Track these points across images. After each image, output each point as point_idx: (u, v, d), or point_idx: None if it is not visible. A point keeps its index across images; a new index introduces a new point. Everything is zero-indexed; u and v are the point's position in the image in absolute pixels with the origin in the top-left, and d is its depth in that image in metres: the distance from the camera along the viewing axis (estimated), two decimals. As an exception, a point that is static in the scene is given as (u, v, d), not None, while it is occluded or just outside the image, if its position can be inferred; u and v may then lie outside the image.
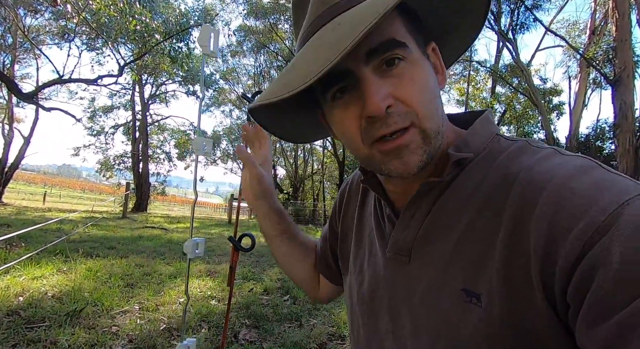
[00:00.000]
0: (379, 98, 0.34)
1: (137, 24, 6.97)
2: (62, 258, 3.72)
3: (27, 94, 7.65)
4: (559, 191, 0.30)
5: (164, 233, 7.05)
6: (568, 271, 0.28)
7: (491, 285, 0.33)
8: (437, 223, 0.39)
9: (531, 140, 0.39)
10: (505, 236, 0.33)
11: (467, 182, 0.38)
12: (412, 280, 0.41)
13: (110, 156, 17.07)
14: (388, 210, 0.45)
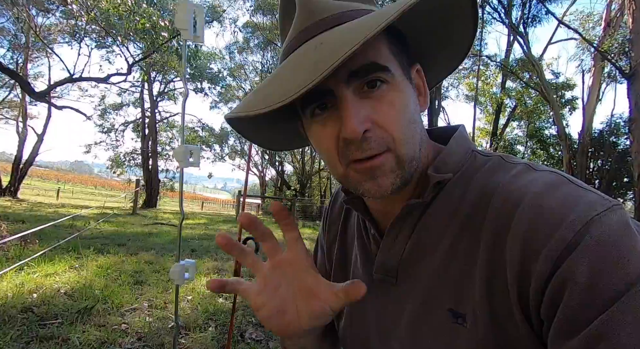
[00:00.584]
0: (356, 121, 0.34)
1: (145, 22, 7.02)
2: (74, 255, 3.81)
3: (40, 93, 7.80)
4: (530, 210, 0.31)
5: (173, 229, 7.15)
6: (540, 289, 0.29)
7: (474, 305, 0.34)
8: (421, 244, 0.39)
9: (505, 155, 0.40)
10: (484, 254, 0.33)
11: (447, 202, 0.39)
12: (399, 300, 0.41)
13: (120, 153, 17.34)
14: (373, 230, 0.45)
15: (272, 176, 22.79)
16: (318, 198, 20.17)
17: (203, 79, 16.47)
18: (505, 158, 0.39)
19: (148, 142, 15.34)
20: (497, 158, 0.39)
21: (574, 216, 0.29)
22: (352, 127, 0.34)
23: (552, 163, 13.19)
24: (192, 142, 18.59)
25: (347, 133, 0.34)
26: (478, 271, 0.34)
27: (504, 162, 0.38)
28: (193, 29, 0.56)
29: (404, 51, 0.39)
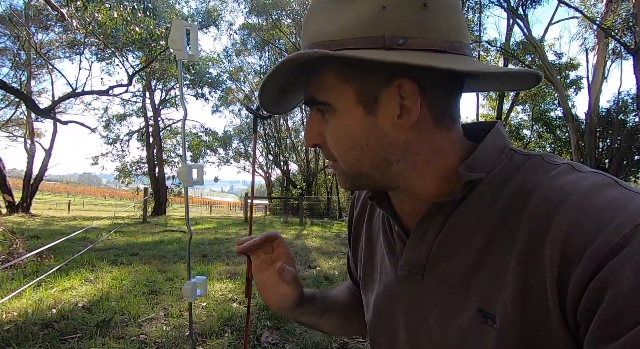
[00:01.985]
0: (307, 137, 0.43)
1: (141, 32, 7.06)
2: (89, 268, 3.88)
3: (44, 110, 7.92)
4: (574, 211, 0.30)
5: (184, 235, 7.23)
6: (580, 291, 0.28)
7: (506, 306, 0.33)
8: (450, 242, 0.39)
9: (546, 154, 0.38)
10: (520, 255, 0.33)
11: (480, 201, 0.38)
12: (426, 298, 0.41)
13: (127, 162, 17.55)
14: (397, 227, 0.45)
15: (278, 176, 22.87)
16: (325, 195, 20.19)
17: (203, 84, 16.53)
18: (546, 157, 0.37)
19: (153, 150, 15.49)
20: (537, 157, 0.38)
21: (621, 219, 0.28)
22: (305, 139, 0.44)
23: (559, 145, 12.99)
24: (196, 148, 18.74)
25: (305, 142, 0.44)
26: (512, 272, 0.33)
27: (544, 161, 0.37)
28: (187, 48, 0.55)
29: (370, 71, 0.37)
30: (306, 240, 7.21)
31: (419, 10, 0.35)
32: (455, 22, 0.37)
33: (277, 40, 15.63)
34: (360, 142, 0.39)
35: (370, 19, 0.35)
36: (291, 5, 13.32)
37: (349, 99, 0.38)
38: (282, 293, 0.51)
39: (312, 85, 0.40)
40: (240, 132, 21.10)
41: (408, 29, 0.35)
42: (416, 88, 0.37)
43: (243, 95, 20.16)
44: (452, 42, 0.37)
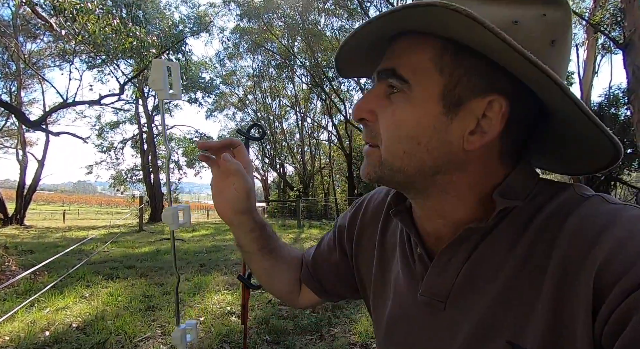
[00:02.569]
0: (358, 106, 0.39)
1: (132, 41, 6.99)
2: (84, 284, 3.81)
3: (35, 122, 7.82)
4: (610, 244, 0.30)
5: (181, 244, 7.16)
6: (607, 318, 0.28)
7: (537, 339, 0.32)
8: (478, 271, 0.38)
9: (576, 185, 0.37)
10: (553, 287, 0.32)
11: (510, 229, 0.36)
12: (449, 328, 0.39)
13: (121, 170, 17.43)
14: (420, 249, 0.43)
15: (275, 178, 22.82)
16: (322, 196, 20.16)
17: (196, 89, 16.45)
18: (577, 189, 0.37)
19: (148, 156, 15.38)
20: (569, 188, 0.37)
21: None
22: (355, 108, 0.39)
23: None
24: (190, 153, 18.63)
25: (352, 111, 0.40)
26: (543, 304, 0.32)
27: (575, 193, 0.36)
28: (169, 88, 0.52)
29: (471, 72, 0.34)
30: (305, 243, 7.18)
31: (546, 43, 0.34)
32: (565, 70, 0.36)
33: (269, 43, 15.59)
34: (422, 137, 0.36)
35: (500, 27, 0.30)
36: (282, 8, 13.29)
37: (433, 90, 0.35)
38: (231, 193, 0.52)
39: (397, 56, 0.36)
40: (235, 136, 20.99)
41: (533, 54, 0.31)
42: (507, 111, 0.35)
43: (237, 98, 20.10)
44: None
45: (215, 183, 0.54)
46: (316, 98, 18.27)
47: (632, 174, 11.23)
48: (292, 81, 18.03)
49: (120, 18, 6.71)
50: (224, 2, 13.93)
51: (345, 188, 18.67)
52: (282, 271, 0.61)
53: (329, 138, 20.84)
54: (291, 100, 19.47)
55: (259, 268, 0.60)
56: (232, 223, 0.55)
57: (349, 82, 15.65)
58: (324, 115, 19.05)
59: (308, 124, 20.63)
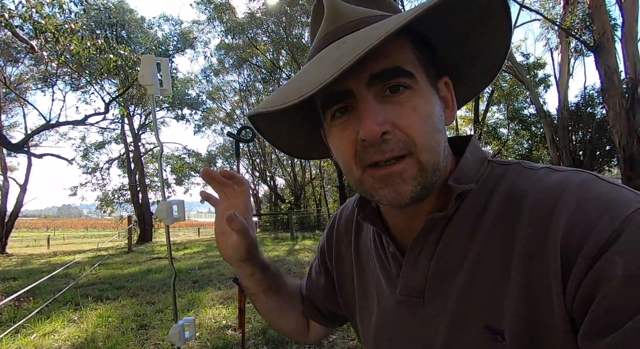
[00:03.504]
0: (374, 122, 0.33)
1: (116, 60, 6.98)
2: (72, 307, 3.67)
3: (16, 144, 7.64)
4: (567, 211, 0.30)
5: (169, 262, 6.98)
6: (575, 289, 0.28)
7: (512, 318, 0.32)
8: (446, 260, 0.38)
9: (522, 161, 0.38)
10: (520, 263, 0.32)
11: (470, 213, 0.37)
12: (430, 322, 0.39)
13: (108, 191, 17.03)
14: (392, 248, 0.43)
15: (265, 192, 22.66)
16: (314, 207, 20.08)
17: (183, 106, 16.39)
18: (524, 164, 0.38)
19: (135, 176, 15.12)
20: (516, 164, 0.38)
21: (610, 213, 0.28)
22: (370, 126, 0.33)
23: (535, 141, 13.44)
24: (179, 170, 18.41)
25: (365, 133, 0.33)
26: (513, 282, 0.32)
27: (523, 167, 0.37)
28: (159, 83, 0.52)
29: (431, 61, 0.38)
30: (299, 255, 7.10)
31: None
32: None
33: (255, 58, 15.76)
34: (440, 126, 0.37)
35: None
36: (266, 23, 13.53)
37: (425, 78, 0.37)
38: (232, 240, 0.50)
39: (388, 55, 0.34)
40: (224, 150, 20.91)
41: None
42: (451, 87, 0.40)
43: (224, 113, 20.10)
44: None
45: (219, 222, 0.53)
46: (303, 110, 18.41)
47: (613, 171, 11.57)
48: (278, 94, 18.20)
49: (105, 38, 6.71)
50: (208, 19, 14.10)
51: (337, 198, 18.67)
52: (287, 309, 0.60)
53: (318, 149, 20.91)
54: (279, 113, 19.57)
55: (265, 309, 0.59)
56: (233, 265, 0.54)
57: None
58: (312, 126, 19.17)
59: (297, 136, 20.69)
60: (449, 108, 0.40)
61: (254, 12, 13.24)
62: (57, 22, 6.02)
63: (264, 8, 13.17)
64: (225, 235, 0.52)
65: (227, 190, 0.53)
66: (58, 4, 6.41)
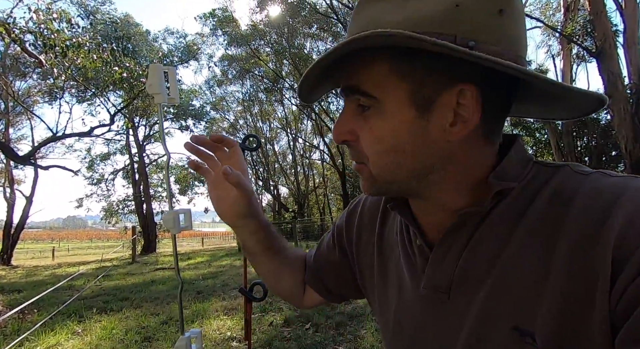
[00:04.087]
0: (337, 130, 0.39)
1: (122, 72, 7.11)
2: (76, 319, 3.64)
3: (23, 157, 7.74)
4: (622, 216, 0.29)
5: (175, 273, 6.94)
6: (622, 291, 0.27)
7: (546, 320, 0.31)
8: (478, 257, 0.37)
9: (573, 164, 0.37)
10: (563, 266, 0.31)
11: (510, 211, 0.36)
12: (454, 319, 0.38)
13: (113, 202, 17.13)
14: (419, 241, 0.42)
15: (269, 201, 22.64)
16: (318, 216, 20.01)
17: (187, 117, 16.58)
18: (574, 167, 0.36)
19: (140, 186, 15.20)
20: (565, 167, 0.37)
21: None
22: (334, 133, 0.39)
23: (540, 147, 13.38)
24: (183, 180, 18.49)
25: (333, 136, 0.40)
26: (551, 283, 0.31)
27: (573, 171, 0.36)
28: (166, 92, 0.52)
29: (431, 70, 0.34)
30: (303, 265, 7.02)
31: (494, 14, 0.33)
32: (524, 36, 0.36)
33: (257, 68, 15.98)
34: (404, 146, 0.36)
35: (442, 15, 0.32)
36: (269, 34, 13.76)
37: (401, 97, 0.35)
38: (232, 198, 0.51)
39: (358, 74, 0.36)
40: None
41: (480, 33, 0.33)
42: (479, 97, 0.34)
43: (228, 123, 20.29)
44: (519, 57, 0.35)
45: (212, 189, 0.53)
46: (306, 119, 18.56)
47: (620, 175, 11.45)
48: (281, 103, 18.36)
49: (111, 50, 6.84)
50: (211, 31, 14.39)
51: (340, 206, 18.60)
52: (287, 272, 0.61)
53: (322, 157, 20.99)
54: (282, 122, 19.73)
55: (265, 270, 0.59)
56: (235, 226, 0.54)
57: (338, 102, 16.01)
58: (315, 135, 19.27)
59: (300, 145, 20.82)
60: (457, 123, 0.35)
61: (256, 23, 13.49)
62: (65, 36, 6.17)
63: (266, 20, 13.41)
64: (222, 197, 0.53)
65: (218, 154, 0.54)
66: (66, 19, 6.57)
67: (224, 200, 0.52)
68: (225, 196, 0.52)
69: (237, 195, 0.50)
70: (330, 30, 13.05)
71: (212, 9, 14.20)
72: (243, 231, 0.55)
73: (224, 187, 0.52)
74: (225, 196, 0.52)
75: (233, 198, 0.51)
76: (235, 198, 0.51)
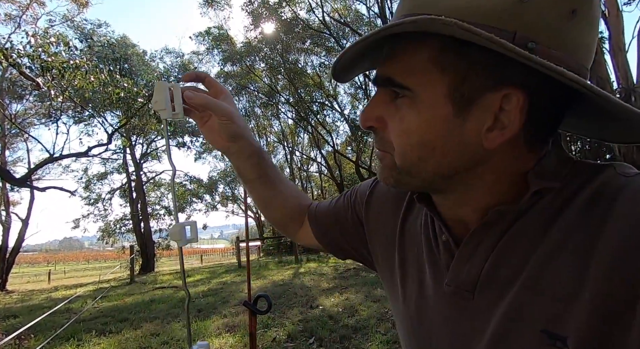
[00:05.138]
0: (364, 115, 0.37)
1: (120, 92, 7.18)
2: (74, 342, 3.55)
3: (20, 179, 7.70)
4: None
5: (175, 291, 6.83)
6: None
7: (580, 326, 0.29)
8: (509, 256, 0.35)
9: (618, 164, 0.34)
10: (602, 270, 0.29)
11: (545, 212, 0.34)
12: (478, 319, 0.36)
13: (110, 221, 16.95)
14: (445, 236, 0.40)
15: (268, 216, 22.50)
16: (318, 229, 19.84)
17: (184, 133, 16.65)
18: (617, 167, 0.34)
19: (137, 205, 15.09)
20: (610, 166, 0.34)
21: None
22: (361, 117, 0.38)
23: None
24: (181, 197, 18.38)
25: (359, 120, 0.38)
26: (590, 287, 0.29)
27: (617, 173, 0.33)
28: (172, 108, 0.54)
29: (478, 67, 0.31)
30: (304, 278, 6.94)
31: (565, 15, 0.30)
32: (593, 44, 0.33)
33: (253, 84, 16.20)
34: (434, 143, 0.34)
35: (503, 8, 0.29)
36: (263, 51, 14.01)
37: (439, 91, 0.32)
38: (216, 123, 0.52)
39: (395, 61, 0.34)
40: (225, 176, 20.99)
41: (544, 34, 0.29)
42: (525, 103, 0.32)
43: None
44: (583, 67, 0.32)
45: (201, 126, 0.55)
46: (303, 131, 18.69)
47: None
48: (277, 118, 18.53)
49: (108, 71, 6.94)
50: (207, 49, 14.64)
51: (340, 218, 18.46)
52: (281, 201, 0.62)
53: (319, 169, 21.04)
54: (278, 135, 19.84)
55: (259, 197, 0.61)
56: (229, 151, 0.55)
57: (334, 114, 16.19)
58: (312, 147, 19.38)
59: (297, 158, 20.87)
60: (493, 130, 0.33)
61: (250, 40, 13.75)
62: (63, 59, 6.26)
63: (261, 36, 13.68)
64: (210, 127, 0.54)
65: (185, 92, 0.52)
66: (63, 42, 6.68)
67: (211, 128, 0.54)
68: (212, 124, 0.54)
69: (217, 117, 0.51)
70: (324, 45, 13.33)
71: (208, 27, 14.51)
72: (238, 157, 0.56)
73: (208, 117, 0.54)
74: (212, 125, 0.54)
75: (216, 123, 0.52)
76: (218, 123, 0.52)
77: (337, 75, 0.41)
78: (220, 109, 0.51)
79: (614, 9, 6.95)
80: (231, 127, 0.52)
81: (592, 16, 0.31)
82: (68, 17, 11.12)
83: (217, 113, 0.51)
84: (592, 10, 0.31)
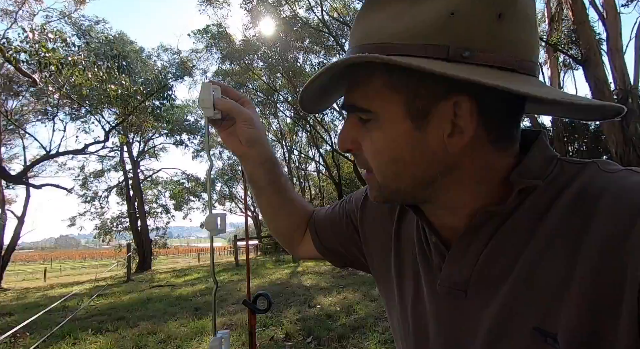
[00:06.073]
0: (341, 140, 0.41)
1: (117, 89, 7.14)
2: (70, 341, 3.53)
3: (16, 176, 7.65)
4: None
5: (172, 290, 6.81)
6: None
7: (570, 323, 0.30)
8: (499, 255, 0.36)
9: (600, 161, 0.35)
10: (588, 266, 0.30)
11: (533, 210, 0.35)
12: (471, 317, 0.37)
13: (107, 219, 16.88)
14: (434, 238, 0.41)
15: (266, 214, 22.48)
16: (316, 228, 19.85)
17: (181, 132, 16.59)
18: (601, 164, 0.35)
19: (134, 203, 15.02)
20: (592, 164, 0.35)
21: None
22: (338, 142, 0.42)
23: (533, 154, 13.58)
24: (178, 195, 18.33)
25: (337, 145, 0.42)
26: (577, 284, 0.30)
27: (599, 169, 0.34)
28: (213, 107, 0.58)
29: (424, 82, 0.34)
30: (302, 278, 6.94)
31: (493, 20, 0.32)
32: (529, 38, 0.34)
33: (252, 82, 16.16)
34: (404, 156, 0.36)
35: (435, 25, 0.32)
36: (262, 49, 13.96)
37: (396, 110, 0.35)
38: (237, 128, 0.55)
39: (355, 89, 0.38)
40: (223, 174, 20.95)
41: (477, 41, 0.32)
42: (475, 107, 0.34)
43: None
44: (522, 61, 0.33)
45: (222, 132, 0.57)
46: (301, 130, 18.68)
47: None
48: (276, 116, 18.49)
49: (106, 68, 6.89)
50: (205, 47, 14.57)
51: (338, 218, 18.48)
52: (288, 211, 0.63)
53: (317, 168, 21.04)
54: (276, 134, 19.81)
55: (268, 204, 0.62)
56: (244, 156, 0.57)
57: (332, 113, 16.17)
58: (310, 146, 19.37)
59: (295, 157, 20.87)
60: (453, 135, 0.35)
61: (249, 39, 13.70)
62: (60, 55, 6.21)
63: (259, 35, 13.64)
64: (231, 134, 0.56)
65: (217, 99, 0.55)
66: (61, 38, 6.62)
67: (232, 133, 0.56)
68: (233, 129, 0.56)
69: (240, 121, 0.54)
70: (322, 44, 13.31)
71: (206, 24, 14.43)
72: (253, 162, 0.57)
73: (232, 123, 0.56)
74: (233, 130, 0.56)
75: (237, 127, 0.55)
76: (239, 128, 0.55)
77: (306, 107, 0.44)
78: (244, 114, 0.54)
79: (612, 10, 6.98)
80: (251, 132, 0.55)
81: (522, 13, 0.33)
82: (65, 14, 11.02)
83: (240, 117, 0.54)
84: (520, 9, 0.33)
